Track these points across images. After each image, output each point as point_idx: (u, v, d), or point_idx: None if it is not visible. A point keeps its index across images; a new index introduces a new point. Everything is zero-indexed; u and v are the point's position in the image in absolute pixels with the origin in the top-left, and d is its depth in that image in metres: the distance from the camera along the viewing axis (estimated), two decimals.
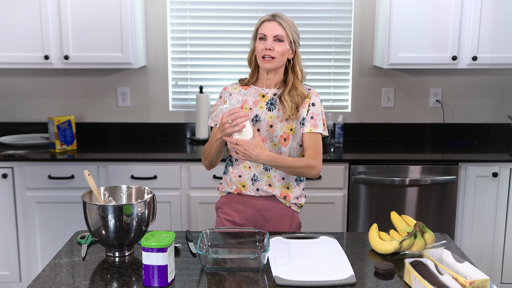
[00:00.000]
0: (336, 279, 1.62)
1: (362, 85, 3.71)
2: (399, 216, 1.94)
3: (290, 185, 2.20)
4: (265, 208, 2.17)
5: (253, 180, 2.17)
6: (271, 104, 2.16)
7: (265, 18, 2.15)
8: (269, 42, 2.10)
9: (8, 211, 3.19)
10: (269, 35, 2.10)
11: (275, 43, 2.10)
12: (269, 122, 2.15)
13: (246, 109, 2.17)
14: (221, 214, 2.24)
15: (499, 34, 3.30)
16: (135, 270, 1.70)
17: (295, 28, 2.16)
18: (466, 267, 1.58)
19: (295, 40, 2.15)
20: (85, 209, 1.77)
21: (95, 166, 3.17)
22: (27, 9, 3.26)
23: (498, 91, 3.73)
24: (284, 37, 2.11)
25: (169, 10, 3.63)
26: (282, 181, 2.18)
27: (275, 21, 2.12)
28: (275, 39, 2.10)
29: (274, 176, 2.16)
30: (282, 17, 2.14)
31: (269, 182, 2.17)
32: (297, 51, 2.19)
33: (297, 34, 2.17)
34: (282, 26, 2.11)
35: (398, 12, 3.28)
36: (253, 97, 2.19)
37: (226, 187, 2.24)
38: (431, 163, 3.17)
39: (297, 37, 2.17)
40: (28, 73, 3.67)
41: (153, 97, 3.72)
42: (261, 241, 1.85)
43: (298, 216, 2.25)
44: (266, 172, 2.16)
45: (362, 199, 3.19)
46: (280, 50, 2.10)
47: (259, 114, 2.16)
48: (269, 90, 2.19)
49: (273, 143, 2.14)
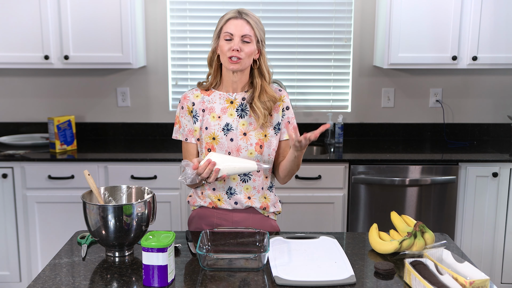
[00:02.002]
0: (336, 279, 1.62)
1: (362, 85, 3.72)
2: (399, 216, 1.94)
3: (265, 194, 2.08)
4: (242, 220, 2.06)
5: (229, 194, 2.04)
6: (241, 110, 2.03)
7: (231, 15, 1.98)
8: (236, 42, 1.94)
9: (8, 211, 3.19)
10: (236, 34, 1.95)
11: (243, 44, 1.95)
12: (242, 130, 2.01)
13: (214, 118, 2.02)
14: (197, 229, 2.09)
15: (499, 34, 3.30)
16: (135, 270, 1.70)
17: (262, 26, 2.02)
18: (466, 267, 1.58)
19: (261, 39, 2.00)
20: (85, 209, 1.77)
21: (95, 166, 3.17)
22: (27, 9, 3.26)
23: (498, 91, 3.73)
24: (252, 36, 1.96)
25: (169, 10, 3.63)
26: (261, 191, 2.06)
27: (243, 19, 1.96)
28: (242, 39, 1.95)
29: (253, 187, 2.04)
30: (249, 15, 1.98)
31: (248, 194, 2.04)
32: (262, 51, 2.03)
33: (264, 32, 2.04)
34: (250, 25, 1.96)
35: (398, 12, 3.28)
36: (220, 104, 2.04)
37: (198, 201, 2.08)
38: (431, 163, 3.17)
39: (264, 36, 2.03)
40: (28, 73, 3.67)
41: (153, 97, 3.72)
42: (261, 241, 1.85)
43: (276, 224, 2.14)
44: (245, 184, 2.04)
45: (362, 199, 3.19)
46: (248, 51, 1.95)
47: (230, 122, 2.02)
48: (236, 95, 2.04)
49: (249, 152, 2.01)
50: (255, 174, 2.04)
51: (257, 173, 2.05)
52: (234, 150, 2.00)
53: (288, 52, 3.68)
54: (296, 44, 3.67)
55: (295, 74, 3.71)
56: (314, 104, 3.75)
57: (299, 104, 3.73)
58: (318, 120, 3.72)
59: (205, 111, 2.05)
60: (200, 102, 2.06)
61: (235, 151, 2.00)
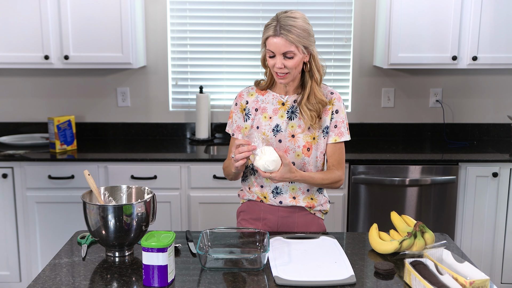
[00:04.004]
0: (336, 279, 1.62)
1: (362, 85, 3.71)
2: (399, 216, 1.94)
3: (314, 195, 2.12)
4: (288, 215, 2.10)
5: (274, 193, 2.09)
6: (292, 112, 2.05)
7: (270, 32, 1.93)
8: (279, 60, 1.93)
9: (8, 211, 3.19)
10: (277, 52, 1.93)
11: (286, 60, 1.93)
12: (291, 132, 2.04)
13: (265, 118, 2.06)
14: (242, 221, 2.16)
15: (499, 34, 3.30)
16: (135, 270, 1.70)
17: (306, 32, 1.94)
18: (466, 267, 1.58)
19: (307, 45, 1.95)
20: (85, 209, 1.77)
21: (95, 166, 3.17)
22: (27, 9, 3.26)
23: (498, 91, 3.73)
24: (294, 49, 1.92)
25: (169, 10, 3.63)
26: (307, 193, 2.10)
27: (280, 37, 1.90)
28: (285, 56, 1.93)
29: (299, 188, 2.08)
30: (287, 28, 1.90)
31: (293, 194, 2.09)
32: (313, 53, 2.00)
33: (310, 35, 1.96)
34: (288, 41, 1.91)
35: (398, 12, 3.28)
36: (272, 105, 2.07)
37: (247, 195, 2.14)
38: (431, 163, 3.17)
39: (310, 39, 1.96)
40: (28, 73, 3.67)
41: (153, 97, 3.72)
42: (261, 241, 1.85)
43: (323, 223, 2.17)
44: (291, 185, 2.08)
45: (362, 199, 3.19)
46: (292, 65, 1.94)
47: (280, 124, 2.05)
48: (288, 97, 2.06)
49: (296, 154, 2.04)
50: None
51: None
52: (282, 151, 2.02)
53: None
54: None
55: None
56: None
57: None
58: None
59: (258, 110, 2.08)
60: (254, 101, 2.09)
61: (282, 152, 2.00)
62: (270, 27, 1.93)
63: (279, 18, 1.94)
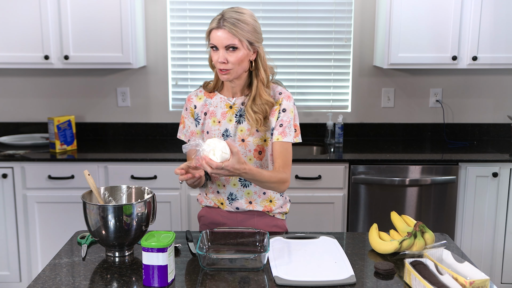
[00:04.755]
0: (336, 279, 1.62)
1: (362, 85, 3.72)
2: (399, 216, 1.94)
3: (272, 197, 2.05)
4: (246, 219, 2.06)
5: (230, 199, 2.04)
6: (240, 116, 1.98)
7: (213, 24, 1.88)
8: (221, 54, 1.86)
9: (8, 211, 3.19)
10: (219, 45, 1.86)
11: (229, 53, 1.87)
12: (241, 137, 1.97)
13: (214, 122, 2.00)
14: (203, 226, 2.13)
15: (499, 34, 3.30)
16: (135, 270, 1.70)
17: (251, 26, 1.88)
18: (466, 267, 1.58)
19: (252, 41, 1.89)
20: (85, 209, 1.77)
21: (95, 166, 3.17)
22: (27, 9, 3.26)
23: (498, 91, 3.73)
24: (237, 43, 1.85)
25: (169, 10, 3.63)
26: (263, 196, 2.03)
27: (223, 29, 1.85)
28: (227, 49, 1.87)
29: (254, 192, 2.02)
30: (230, 21, 1.85)
31: (250, 199, 2.03)
32: (259, 51, 1.93)
33: (256, 31, 1.90)
34: (231, 33, 1.84)
35: (398, 12, 3.28)
36: (220, 108, 2.00)
37: (204, 201, 2.10)
38: (431, 163, 3.17)
39: (256, 36, 1.90)
40: (28, 73, 3.67)
41: (153, 97, 3.72)
42: (261, 241, 1.84)
43: (284, 224, 2.11)
44: (245, 189, 2.01)
45: (362, 199, 3.19)
46: (234, 60, 1.87)
47: (229, 128, 1.98)
48: (236, 100, 1.99)
49: (248, 158, 1.98)
50: None
51: None
52: None
53: (288, 52, 3.68)
54: (296, 44, 3.67)
55: (295, 74, 3.71)
56: (314, 104, 3.75)
57: (299, 104, 3.73)
58: (318, 120, 3.73)
59: (207, 114, 2.03)
60: (203, 105, 2.04)
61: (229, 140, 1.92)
62: (214, 20, 1.88)
63: (225, 12, 1.89)
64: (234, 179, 2.01)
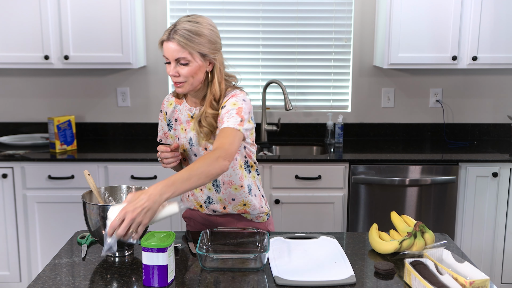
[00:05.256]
0: (336, 279, 1.62)
1: (362, 85, 3.72)
2: (399, 216, 1.94)
3: (245, 201, 2.00)
4: (227, 222, 2.04)
5: (207, 203, 2.03)
6: None
7: (164, 36, 1.81)
8: (172, 66, 1.81)
9: (8, 211, 3.19)
10: (170, 58, 1.81)
11: (180, 66, 1.81)
12: (204, 145, 1.94)
13: (182, 130, 1.97)
14: (188, 226, 2.15)
15: (499, 34, 3.30)
16: (135, 270, 1.70)
17: (205, 37, 1.81)
18: (466, 267, 1.58)
19: (206, 53, 1.81)
20: (85, 209, 1.77)
21: (95, 166, 3.17)
22: (27, 9, 3.26)
23: (498, 91, 3.73)
24: (188, 57, 1.79)
25: (169, 10, 3.63)
26: (233, 202, 2.00)
27: (172, 41, 1.78)
28: (178, 62, 1.81)
29: (224, 199, 1.99)
30: (181, 33, 1.78)
31: (223, 205, 2.01)
32: (215, 62, 1.86)
33: (211, 42, 1.82)
34: (181, 46, 1.78)
35: (398, 12, 3.28)
36: (185, 117, 1.97)
37: (186, 203, 2.09)
38: (431, 163, 3.17)
39: (211, 47, 1.83)
40: (28, 73, 3.67)
41: (153, 97, 3.72)
42: (261, 241, 1.84)
43: (265, 226, 2.08)
44: (217, 195, 1.99)
45: (362, 199, 3.19)
46: (186, 73, 1.81)
47: (192, 137, 1.95)
48: (195, 110, 1.94)
49: None
50: (222, 187, 1.97)
51: (224, 185, 1.97)
52: None
53: (288, 52, 3.68)
54: (296, 44, 3.67)
55: (295, 74, 3.71)
56: (314, 104, 3.75)
57: (299, 104, 3.73)
58: (318, 120, 3.73)
59: (177, 121, 2.01)
60: (173, 111, 2.02)
61: None
62: (166, 31, 1.82)
63: (178, 22, 1.82)
64: (209, 183, 1.98)
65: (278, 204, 3.18)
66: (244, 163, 1.99)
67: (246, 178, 1.99)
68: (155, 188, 1.55)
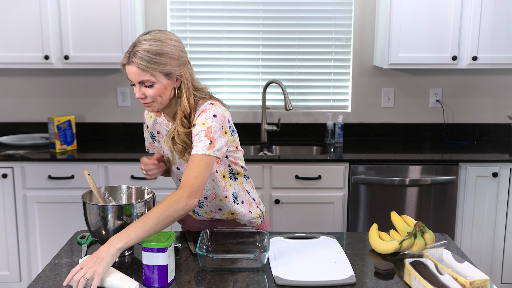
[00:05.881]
0: (336, 279, 1.62)
1: (362, 85, 3.72)
2: (399, 216, 1.94)
3: (232, 210, 1.96)
4: (223, 225, 2.02)
5: (196, 213, 2.03)
6: None
7: (124, 60, 1.74)
8: (137, 89, 1.75)
9: (8, 211, 3.19)
10: (134, 81, 1.75)
11: (145, 88, 1.75)
12: (185, 160, 1.88)
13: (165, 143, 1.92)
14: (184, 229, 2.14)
15: (499, 34, 3.30)
16: (135, 270, 1.70)
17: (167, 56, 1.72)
18: (466, 267, 1.58)
19: (170, 72, 1.74)
20: (85, 209, 1.77)
21: (95, 166, 3.17)
22: (27, 9, 3.26)
23: (498, 91, 3.73)
24: (151, 79, 1.72)
25: (169, 10, 3.63)
26: (220, 212, 1.97)
27: (131, 65, 1.72)
28: (142, 84, 1.75)
29: (211, 211, 1.97)
30: (139, 55, 1.70)
31: (209, 216, 2.00)
32: (181, 78, 1.78)
33: (174, 59, 1.74)
34: (141, 69, 1.71)
35: (398, 12, 3.28)
36: (164, 131, 1.92)
37: None
38: (431, 163, 3.17)
39: (175, 63, 1.74)
40: (28, 73, 3.67)
41: None
42: (261, 241, 1.85)
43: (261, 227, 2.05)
44: (201, 209, 1.99)
45: (362, 199, 3.19)
46: (152, 94, 1.75)
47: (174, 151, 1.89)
48: (171, 125, 1.89)
49: None
50: (205, 201, 1.95)
51: (206, 200, 1.94)
52: None
53: (288, 52, 3.68)
54: (296, 44, 3.67)
55: (295, 74, 3.71)
56: (314, 104, 3.75)
57: (299, 104, 3.73)
58: (318, 120, 3.73)
59: (159, 133, 1.98)
60: (154, 124, 1.98)
61: None
62: (126, 53, 1.75)
63: (137, 42, 1.74)
64: None
65: (278, 204, 3.18)
66: (228, 172, 1.92)
67: (231, 187, 1.94)
68: (110, 240, 1.58)
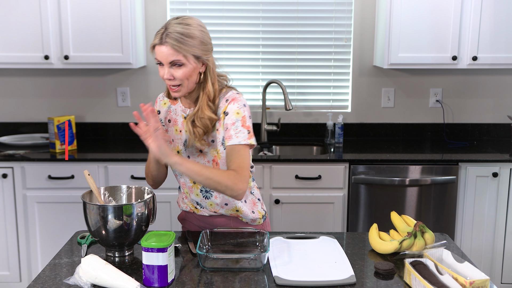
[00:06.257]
0: (336, 279, 1.62)
1: (362, 85, 3.72)
2: (399, 216, 1.94)
3: (237, 207, 1.98)
4: (224, 224, 2.02)
5: (199, 207, 2.03)
6: None
7: (156, 40, 1.79)
8: (167, 70, 1.79)
9: (8, 211, 3.19)
10: (164, 61, 1.79)
11: (174, 69, 1.79)
12: (198, 147, 1.91)
13: (177, 131, 1.96)
14: (184, 228, 2.14)
15: (499, 34, 3.30)
16: (135, 270, 1.70)
17: (197, 39, 1.79)
18: (466, 267, 1.58)
19: (199, 55, 1.80)
20: (85, 209, 1.77)
21: (95, 166, 3.17)
22: (27, 9, 3.26)
23: (498, 91, 3.73)
24: (182, 59, 1.78)
25: (169, 10, 3.63)
26: (226, 207, 1.97)
27: (165, 45, 1.76)
28: (173, 65, 1.79)
29: (216, 204, 1.97)
30: (173, 36, 1.76)
31: (214, 209, 2.00)
32: (208, 63, 1.84)
33: (203, 43, 1.81)
34: (174, 50, 1.76)
35: (398, 12, 3.28)
36: (180, 117, 1.95)
37: (182, 205, 2.09)
38: (431, 163, 3.17)
39: (204, 48, 1.81)
40: (28, 73, 3.67)
41: (153, 97, 3.71)
42: (261, 241, 1.84)
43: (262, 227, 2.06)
44: (207, 200, 1.98)
45: (362, 199, 3.19)
46: (181, 76, 1.79)
47: (187, 138, 1.92)
48: (189, 111, 1.92)
49: None
50: (214, 192, 1.95)
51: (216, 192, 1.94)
52: None
53: (288, 52, 3.68)
54: (296, 44, 3.67)
55: (295, 74, 3.71)
56: (314, 104, 3.75)
57: (299, 104, 3.73)
58: (318, 120, 3.73)
59: (171, 121, 1.99)
60: (167, 111, 2.00)
61: None
62: (158, 35, 1.79)
63: (168, 24, 1.80)
64: (196, 189, 1.97)
65: (278, 204, 3.18)
66: None
67: None
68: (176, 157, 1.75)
